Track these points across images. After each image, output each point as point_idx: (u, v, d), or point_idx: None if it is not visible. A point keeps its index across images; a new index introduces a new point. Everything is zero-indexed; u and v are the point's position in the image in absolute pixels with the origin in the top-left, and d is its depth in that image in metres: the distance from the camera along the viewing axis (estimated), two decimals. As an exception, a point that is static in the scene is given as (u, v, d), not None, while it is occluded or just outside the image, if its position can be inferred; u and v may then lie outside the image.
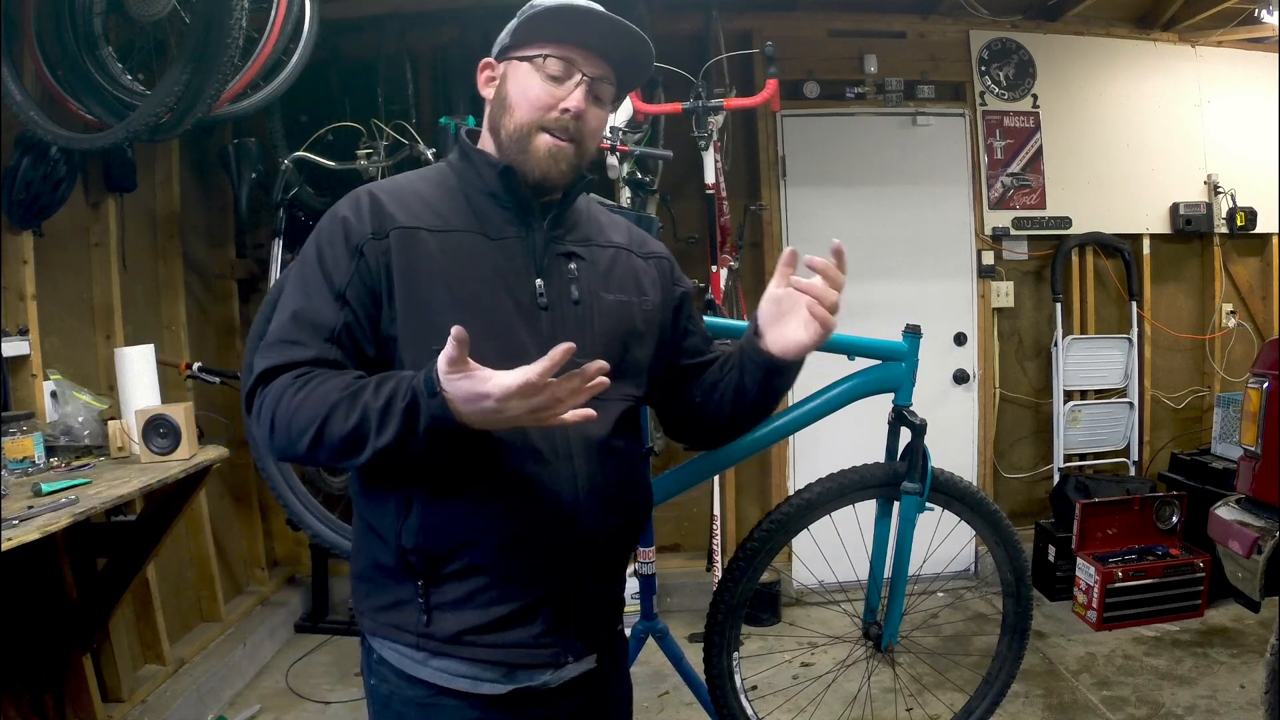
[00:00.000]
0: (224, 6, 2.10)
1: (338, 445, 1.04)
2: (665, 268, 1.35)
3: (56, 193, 2.48)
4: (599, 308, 1.22)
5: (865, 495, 2.06)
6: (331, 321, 1.11)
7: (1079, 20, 3.99)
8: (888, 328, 2.20)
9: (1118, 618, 3.40)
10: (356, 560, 1.23)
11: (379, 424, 1.01)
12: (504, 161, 1.19)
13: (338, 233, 1.14)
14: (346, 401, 1.03)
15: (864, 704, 2.46)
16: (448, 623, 1.13)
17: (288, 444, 1.08)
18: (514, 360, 1.07)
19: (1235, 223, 4.02)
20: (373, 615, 1.19)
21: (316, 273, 1.13)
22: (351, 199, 1.18)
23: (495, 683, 1.15)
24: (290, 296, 1.14)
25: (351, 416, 1.02)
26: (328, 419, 1.03)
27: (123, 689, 2.67)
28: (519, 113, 1.18)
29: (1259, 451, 2.28)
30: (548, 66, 1.17)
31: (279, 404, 1.07)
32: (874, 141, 3.93)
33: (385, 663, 1.18)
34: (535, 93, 1.17)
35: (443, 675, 1.14)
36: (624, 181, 2.69)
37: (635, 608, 2.43)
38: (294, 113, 3.30)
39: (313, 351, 1.10)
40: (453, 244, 1.15)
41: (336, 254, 1.12)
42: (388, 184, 1.21)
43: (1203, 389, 4.20)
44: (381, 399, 1.02)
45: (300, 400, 1.05)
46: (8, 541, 1.59)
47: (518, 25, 1.20)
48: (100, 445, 2.39)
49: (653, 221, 1.99)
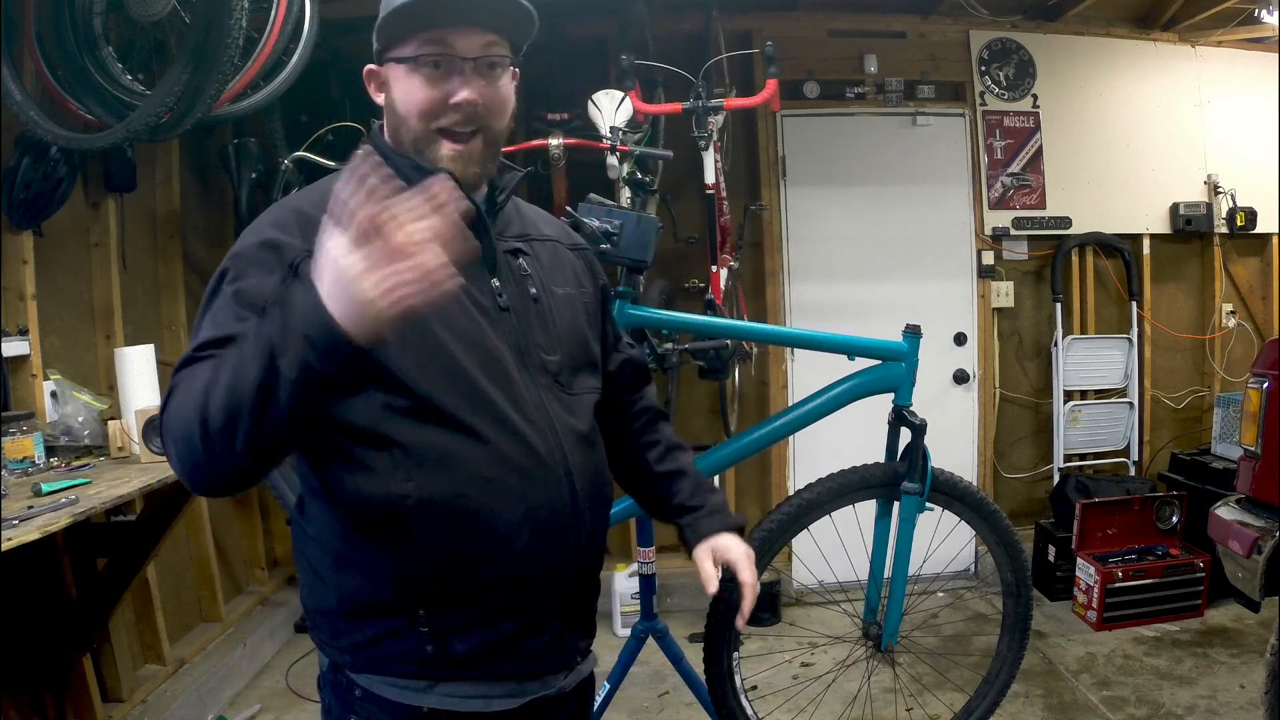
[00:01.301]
0: (224, 6, 2.10)
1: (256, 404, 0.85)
2: (590, 259, 1.33)
3: (56, 193, 2.47)
4: (554, 303, 1.19)
5: (865, 495, 2.07)
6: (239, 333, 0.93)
7: (1079, 20, 3.99)
8: (888, 328, 2.21)
9: (1118, 618, 3.40)
10: (322, 596, 1.10)
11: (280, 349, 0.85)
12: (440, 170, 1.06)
13: (262, 257, 1.01)
14: (229, 360, 0.88)
15: (864, 704, 2.46)
16: (456, 646, 1.06)
17: (187, 446, 0.90)
18: (493, 368, 1.07)
19: (1235, 223, 4.02)
20: (357, 651, 1.08)
21: (229, 306, 0.98)
22: (273, 218, 1.06)
23: (508, 698, 1.10)
24: (198, 333, 0.99)
25: (227, 369, 0.88)
26: (212, 385, 0.87)
27: (123, 689, 2.67)
28: (411, 121, 1.09)
29: (1259, 451, 2.28)
30: (425, 62, 1.07)
31: (171, 413, 0.92)
32: (874, 141, 3.93)
33: (375, 699, 1.08)
34: (419, 96, 1.08)
35: (451, 700, 1.08)
36: (624, 181, 2.69)
37: (635, 608, 2.44)
38: (294, 113, 3.29)
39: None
40: None
41: (260, 279, 0.99)
42: (310, 194, 1.10)
43: (1203, 389, 4.20)
44: (270, 323, 0.87)
45: (185, 392, 0.91)
46: (8, 541, 1.59)
47: (380, 24, 1.11)
48: (100, 445, 2.39)
49: (653, 221, 1.98)
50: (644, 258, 1.96)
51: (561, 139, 2.89)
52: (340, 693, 1.11)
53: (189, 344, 0.99)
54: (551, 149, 2.89)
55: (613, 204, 2.04)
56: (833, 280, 3.92)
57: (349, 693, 1.10)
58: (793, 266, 3.92)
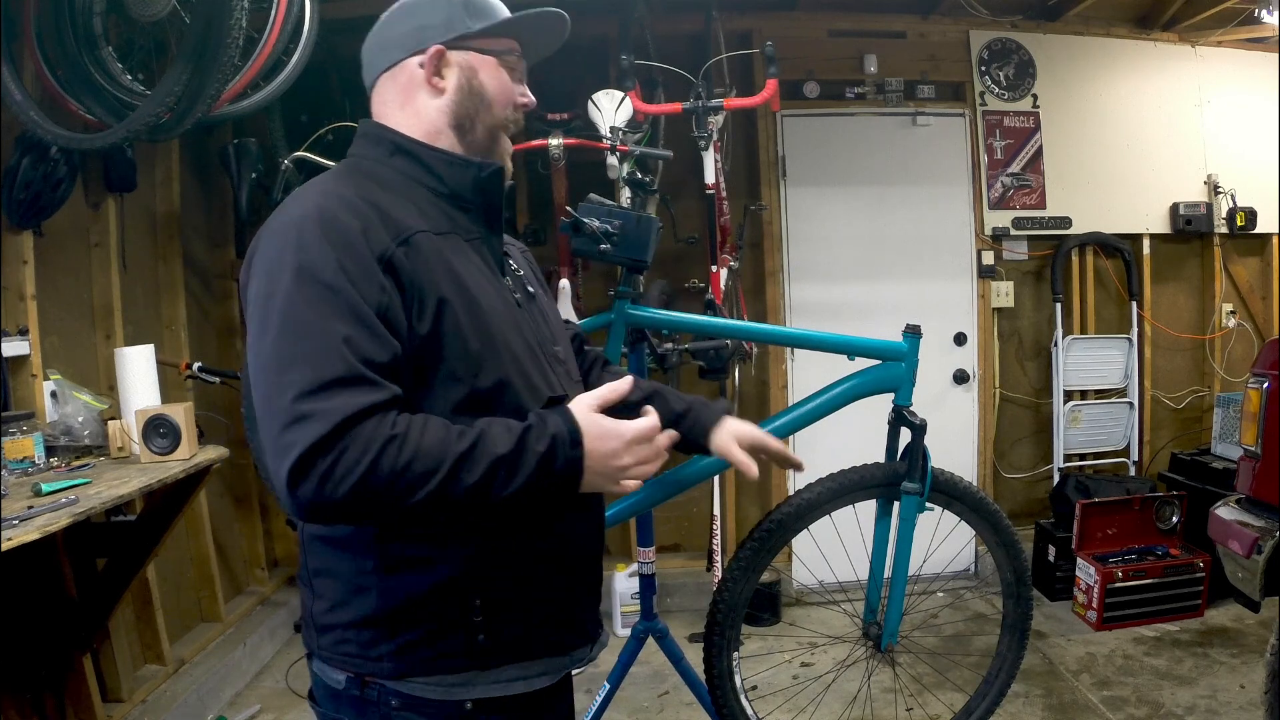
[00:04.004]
0: (224, 6, 2.10)
1: (459, 498, 0.95)
2: (531, 258, 1.39)
3: (56, 193, 2.47)
4: (542, 301, 1.26)
5: (865, 495, 2.06)
6: (388, 354, 0.96)
7: (1079, 20, 3.99)
8: (888, 328, 2.21)
9: (1118, 618, 3.40)
10: (358, 606, 1.07)
11: (507, 474, 0.96)
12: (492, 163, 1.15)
13: (357, 245, 0.98)
14: (470, 452, 0.95)
15: (864, 704, 2.46)
16: (508, 630, 1.10)
17: (388, 500, 0.92)
18: (535, 360, 1.13)
19: (1235, 223, 4.02)
20: (402, 656, 1.06)
21: (351, 294, 0.95)
22: (342, 204, 1.01)
23: (545, 675, 1.15)
24: (320, 326, 0.94)
25: (477, 468, 0.95)
26: (454, 472, 0.94)
27: (123, 689, 2.67)
28: (497, 109, 1.15)
29: (1259, 451, 2.28)
30: (511, 64, 1.17)
31: (379, 457, 0.91)
32: (874, 141, 3.93)
33: (415, 704, 1.07)
34: (509, 90, 1.17)
35: (496, 687, 1.10)
36: (624, 181, 2.69)
37: (635, 607, 2.44)
38: (294, 113, 3.29)
39: (388, 392, 0.95)
40: (453, 247, 1.08)
41: (364, 271, 0.97)
42: (358, 184, 1.07)
43: (1203, 389, 4.20)
44: (508, 446, 0.96)
45: (412, 452, 0.93)
46: (8, 541, 1.59)
47: (481, 15, 1.15)
48: (100, 445, 2.39)
49: (653, 221, 1.98)
50: (644, 258, 1.96)
51: (561, 139, 2.89)
52: (365, 707, 1.09)
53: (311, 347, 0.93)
54: (551, 149, 2.89)
55: (613, 204, 2.04)
56: (833, 280, 3.92)
57: (382, 705, 1.08)
58: (793, 266, 3.92)
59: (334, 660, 1.10)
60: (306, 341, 0.94)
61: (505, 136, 1.18)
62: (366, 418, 0.92)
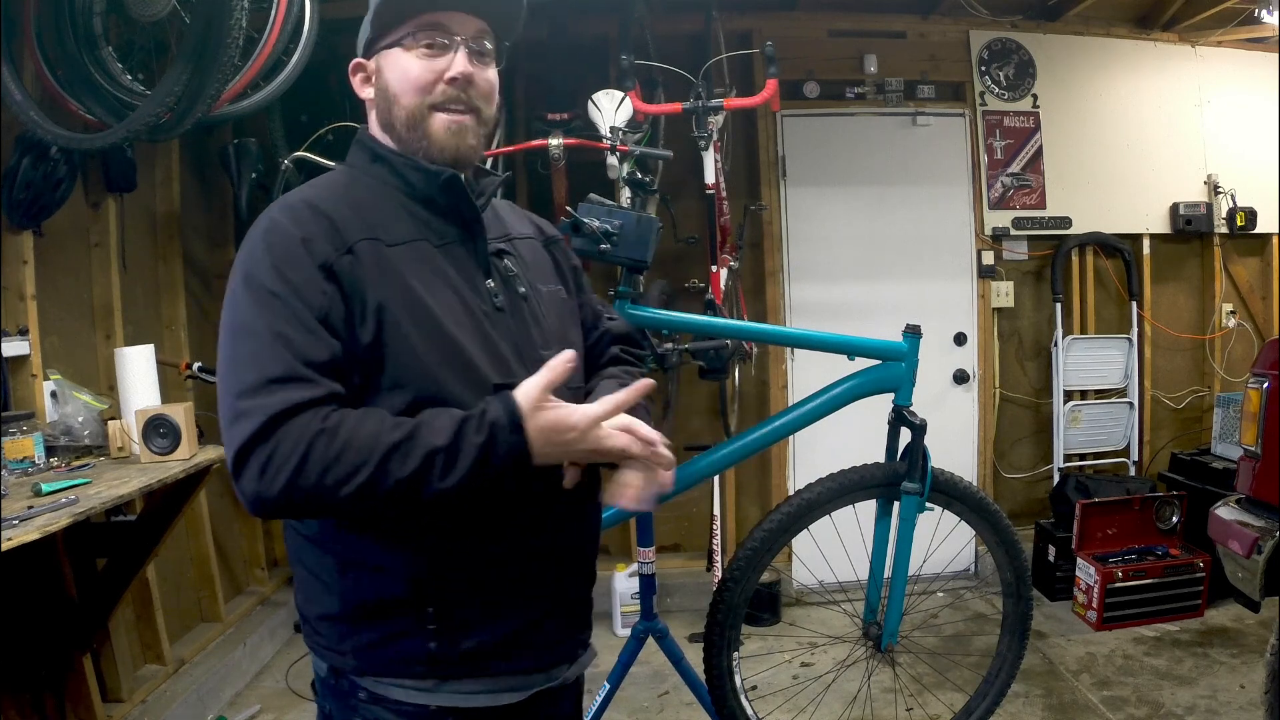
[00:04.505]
0: (224, 6, 2.10)
1: (391, 492, 0.94)
2: (562, 248, 1.34)
3: (56, 193, 2.47)
4: (542, 301, 1.20)
5: (865, 495, 2.07)
6: (327, 353, 0.98)
7: (1079, 20, 3.99)
8: (888, 328, 2.21)
9: (1118, 618, 3.40)
10: (323, 601, 1.10)
11: (445, 465, 0.94)
12: (446, 170, 1.11)
13: (297, 253, 1.01)
14: (404, 443, 0.94)
15: (864, 704, 2.46)
16: (463, 644, 1.07)
17: (319, 494, 0.94)
18: (500, 367, 1.09)
19: (1235, 223, 4.02)
20: (363, 654, 1.08)
21: (291, 298, 0.99)
22: (290, 213, 1.05)
23: (513, 691, 1.12)
24: (263, 328, 0.98)
25: (410, 459, 0.94)
26: (384, 463, 0.93)
27: (123, 689, 2.67)
28: (405, 99, 1.11)
29: (1259, 451, 2.28)
30: (420, 42, 1.10)
31: (309, 451, 0.93)
32: (874, 141, 3.93)
33: (381, 700, 1.08)
34: (415, 73, 1.10)
35: (459, 697, 1.09)
36: (624, 181, 2.69)
37: (635, 608, 2.44)
38: (294, 113, 3.29)
39: (324, 389, 0.97)
40: (411, 254, 1.07)
41: (304, 276, 1.00)
42: (319, 194, 1.09)
43: (1203, 389, 4.20)
44: (445, 437, 0.95)
45: (341, 445, 0.93)
46: (8, 541, 1.59)
47: (375, 13, 1.13)
48: (100, 445, 2.39)
49: (653, 221, 1.98)
50: (644, 258, 1.96)
51: (561, 139, 2.88)
52: (342, 697, 1.11)
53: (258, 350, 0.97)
54: (551, 149, 2.89)
55: (613, 204, 2.04)
56: (833, 280, 3.92)
57: (352, 696, 1.10)
58: (793, 266, 3.92)
59: (314, 650, 1.14)
60: (248, 344, 0.98)
61: (434, 117, 1.11)
62: (300, 413, 0.95)
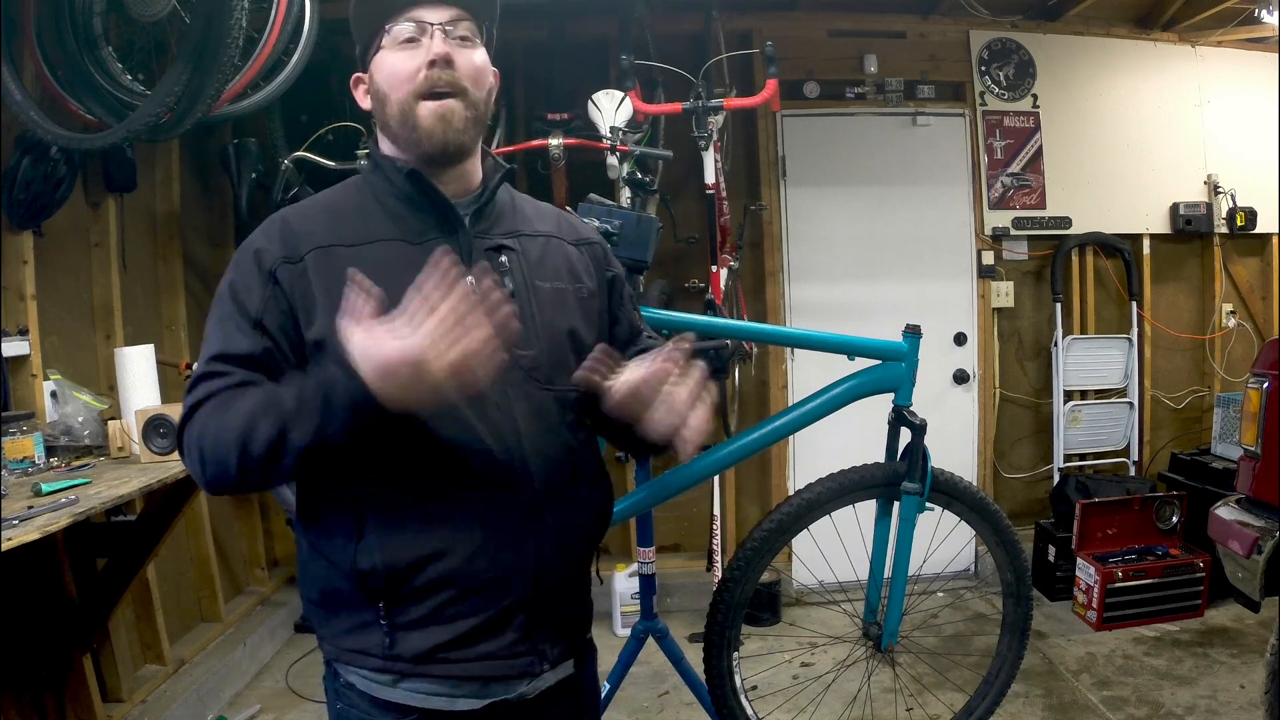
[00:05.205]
0: (224, 6, 2.10)
1: (263, 455, 0.97)
2: (599, 253, 1.31)
3: (56, 193, 2.47)
4: (537, 298, 1.17)
5: (865, 495, 2.07)
6: (250, 349, 1.06)
7: (1079, 20, 3.99)
8: (888, 328, 2.21)
9: (1118, 618, 3.40)
10: (306, 585, 1.17)
11: (296, 420, 0.96)
12: (409, 164, 1.14)
13: (249, 263, 1.09)
14: (264, 408, 0.98)
15: (864, 704, 2.46)
16: (414, 642, 1.08)
17: (219, 471, 1.01)
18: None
19: (1235, 223, 4.02)
20: (333, 640, 1.14)
21: (230, 307, 1.08)
22: (264, 227, 1.14)
23: (471, 698, 1.12)
24: (210, 339, 1.09)
25: (267, 421, 0.97)
26: (250, 432, 0.98)
27: (123, 689, 2.67)
28: (393, 95, 1.13)
29: (1259, 451, 2.28)
30: (396, 37, 1.13)
31: (204, 432, 1.02)
32: (874, 141, 3.93)
33: (352, 688, 1.13)
34: (397, 67, 1.13)
35: (416, 696, 1.10)
36: (624, 181, 2.69)
37: (635, 608, 2.44)
38: (294, 113, 3.29)
39: (237, 378, 1.04)
40: (374, 255, 1.09)
41: (249, 283, 1.08)
42: (301, 205, 1.18)
43: (1203, 389, 4.20)
44: (293, 396, 0.98)
45: (222, 421, 1.00)
46: (8, 541, 1.59)
47: (356, 29, 1.18)
48: (100, 445, 2.39)
49: (653, 221, 1.98)
50: (644, 258, 1.97)
51: (561, 139, 2.88)
52: (333, 679, 1.18)
53: (203, 348, 1.10)
54: (551, 149, 2.89)
55: (613, 204, 2.05)
56: (833, 280, 3.92)
57: (336, 680, 1.16)
58: (793, 266, 3.92)
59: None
60: (202, 355, 1.10)
61: (420, 106, 1.12)
62: (210, 399, 1.04)
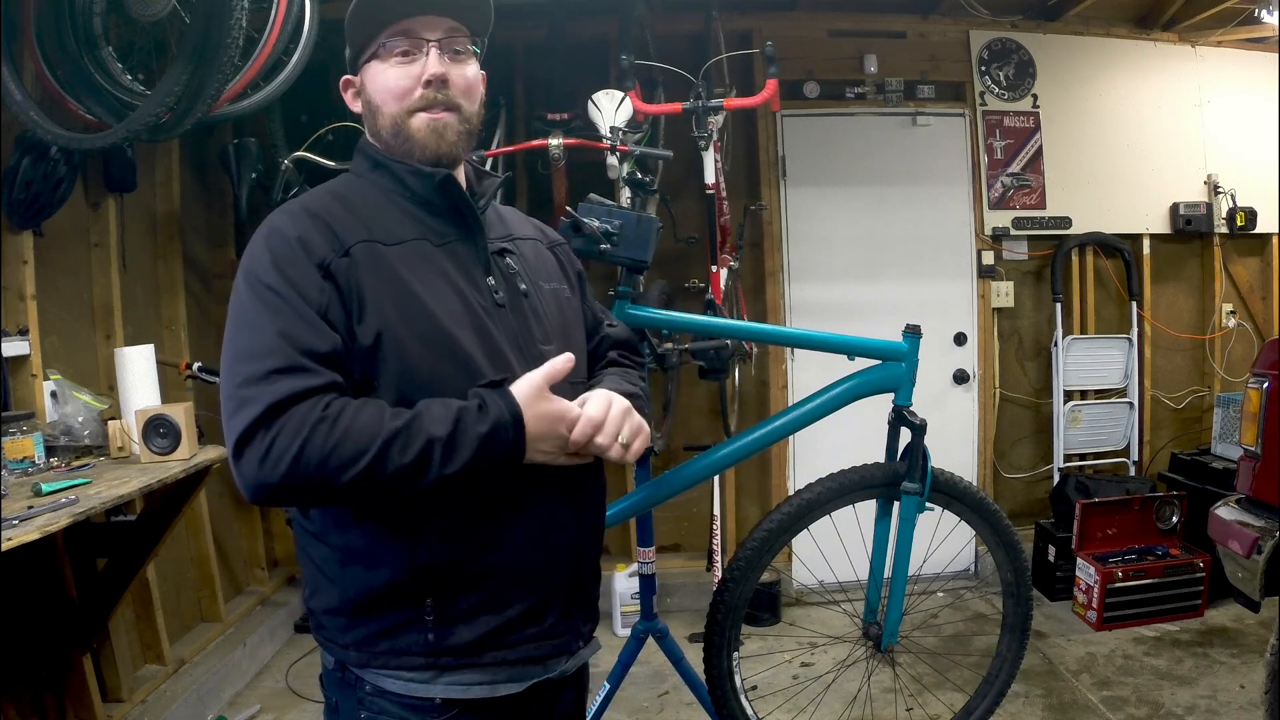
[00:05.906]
0: (224, 6, 2.10)
1: (391, 478, 0.98)
2: (565, 253, 1.38)
3: (56, 193, 2.47)
4: (543, 298, 1.24)
5: (865, 495, 2.07)
6: (327, 345, 1.02)
7: (1079, 20, 4.00)
8: (888, 328, 2.21)
9: (1118, 618, 3.40)
10: (327, 594, 1.13)
11: (445, 454, 0.98)
12: (440, 171, 1.15)
13: (293, 251, 1.05)
14: (403, 432, 0.98)
15: (864, 704, 2.46)
16: (462, 633, 1.09)
17: (319, 480, 0.97)
18: (499, 362, 1.11)
19: (1235, 223, 4.02)
20: (362, 647, 1.11)
21: (291, 294, 1.03)
22: (288, 215, 1.10)
23: (511, 682, 1.14)
24: (259, 328, 1.02)
25: (411, 448, 0.98)
26: (383, 452, 0.97)
27: (123, 689, 2.67)
28: (386, 107, 1.16)
29: (1259, 451, 2.28)
30: (393, 51, 1.15)
31: (310, 437, 0.96)
32: (874, 141, 3.93)
33: (385, 694, 1.11)
34: (392, 82, 1.15)
35: (457, 689, 1.11)
36: (624, 181, 2.69)
37: (635, 607, 2.44)
38: (294, 113, 3.29)
39: (324, 378, 1.01)
40: (409, 254, 1.11)
41: (302, 274, 1.04)
42: (317, 201, 1.15)
43: (1203, 389, 4.20)
44: (445, 427, 0.99)
45: (341, 432, 0.97)
46: (8, 541, 1.59)
47: (349, 31, 1.18)
48: (100, 445, 2.39)
49: (653, 221, 1.98)
50: (644, 258, 1.96)
51: (561, 139, 2.88)
52: (348, 690, 1.14)
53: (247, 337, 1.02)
54: (551, 149, 2.89)
55: (613, 204, 2.04)
56: (833, 280, 3.92)
57: (357, 689, 1.13)
58: (793, 266, 3.92)
59: (320, 642, 1.17)
60: (250, 337, 1.02)
61: (415, 119, 1.15)
62: (300, 401, 0.98)
